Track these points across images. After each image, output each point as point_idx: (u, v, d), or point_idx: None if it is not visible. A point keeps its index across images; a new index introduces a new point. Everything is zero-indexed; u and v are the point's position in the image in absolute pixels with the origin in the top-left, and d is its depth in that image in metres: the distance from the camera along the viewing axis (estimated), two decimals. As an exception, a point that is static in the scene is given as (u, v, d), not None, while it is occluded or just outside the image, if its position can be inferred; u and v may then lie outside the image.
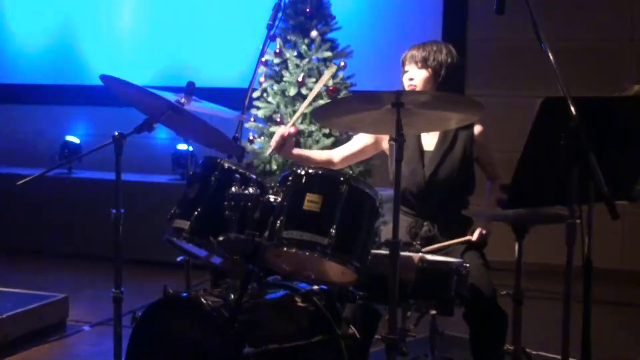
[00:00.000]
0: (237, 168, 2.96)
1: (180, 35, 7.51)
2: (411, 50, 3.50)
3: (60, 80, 7.87)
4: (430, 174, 3.43)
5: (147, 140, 6.87)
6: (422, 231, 3.41)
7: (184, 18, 7.51)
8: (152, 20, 7.65)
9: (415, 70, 3.46)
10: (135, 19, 7.69)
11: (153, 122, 3.10)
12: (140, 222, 5.75)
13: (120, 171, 3.10)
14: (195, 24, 7.48)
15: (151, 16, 7.67)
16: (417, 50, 3.48)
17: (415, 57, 3.46)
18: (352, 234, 2.73)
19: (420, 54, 3.46)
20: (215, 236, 2.79)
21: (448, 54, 3.47)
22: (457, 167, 3.44)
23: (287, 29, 5.58)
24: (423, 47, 3.48)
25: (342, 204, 2.71)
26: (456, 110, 2.85)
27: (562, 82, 2.42)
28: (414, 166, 3.46)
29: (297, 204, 2.74)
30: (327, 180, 2.79)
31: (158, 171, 7.17)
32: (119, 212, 3.10)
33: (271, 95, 5.51)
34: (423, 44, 3.51)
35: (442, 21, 6.91)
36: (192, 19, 7.49)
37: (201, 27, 7.46)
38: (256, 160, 5.46)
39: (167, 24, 7.58)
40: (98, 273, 5.87)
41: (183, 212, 2.96)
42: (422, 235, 3.40)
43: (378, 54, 6.68)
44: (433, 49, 3.47)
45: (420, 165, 3.46)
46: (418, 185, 3.43)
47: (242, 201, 2.80)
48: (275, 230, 2.72)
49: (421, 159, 3.48)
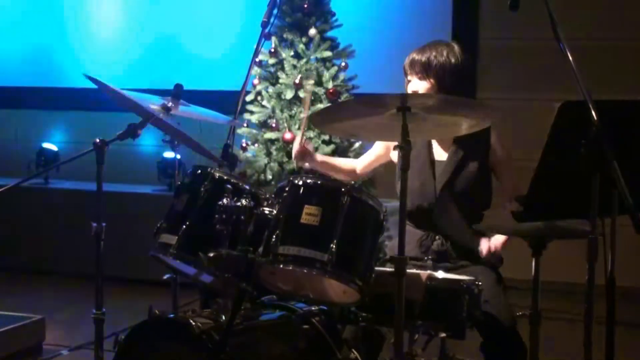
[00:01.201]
0: (229, 178, 2.96)
1: (167, 34, 7.52)
2: (411, 55, 3.48)
3: (36, 82, 7.85)
4: (442, 187, 3.43)
5: (131, 147, 6.85)
6: (434, 245, 3.41)
7: (172, 15, 7.52)
8: (138, 18, 7.66)
9: (417, 82, 3.46)
10: (119, 17, 7.70)
11: (137, 128, 3.10)
12: (124, 237, 5.74)
13: (102, 181, 3.10)
14: (183, 21, 7.48)
15: (136, 14, 7.67)
16: (417, 55, 3.45)
17: (415, 66, 3.44)
18: (354, 249, 2.73)
19: (419, 62, 3.43)
20: (205, 252, 2.78)
21: (450, 55, 3.42)
22: (471, 180, 3.43)
23: (283, 27, 5.58)
24: (422, 52, 3.45)
25: (343, 217, 2.71)
26: (467, 115, 2.85)
27: (582, 84, 2.43)
28: (425, 178, 3.45)
29: (294, 217, 2.74)
30: (326, 191, 2.79)
31: (143, 181, 7.16)
32: (100, 226, 3.10)
33: (266, 98, 5.51)
34: (422, 48, 3.47)
35: (451, 18, 6.92)
36: (179, 16, 7.50)
37: (190, 25, 7.46)
38: (250, 169, 5.46)
39: (154, 22, 7.58)
40: (77, 292, 5.86)
41: (170, 225, 2.96)
42: (434, 250, 3.39)
43: (382, 53, 6.69)
44: (432, 53, 3.42)
45: (431, 177, 3.45)
46: (428, 200, 3.42)
47: (234, 214, 2.80)
48: (271, 246, 2.72)
49: (432, 170, 3.47)
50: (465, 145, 3.45)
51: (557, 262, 4.37)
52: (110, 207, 3.40)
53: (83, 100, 7.35)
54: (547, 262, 2.93)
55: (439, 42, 3.51)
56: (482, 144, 3.45)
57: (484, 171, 3.45)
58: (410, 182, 2.87)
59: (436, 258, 3.33)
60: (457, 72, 3.43)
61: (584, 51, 4.66)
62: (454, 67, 3.42)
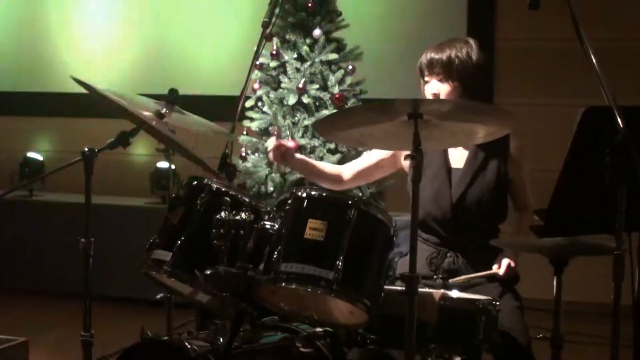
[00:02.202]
0: (228, 190, 2.96)
1: (161, 35, 7.53)
2: (428, 53, 3.48)
3: (20, 86, 7.86)
4: (458, 196, 3.43)
5: (122, 157, 6.87)
6: (445, 263, 3.41)
7: (166, 16, 7.53)
8: (130, 19, 7.66)
9: (437, 84, 3.46)
10: (109, 18, 7.70)
11: (129, 136, 3.11)
12: (114, 253, 5.74)
13: (91, 193, 3.10)
14: (178, 21, 7.49)
15: (128, 14, 7.68)
16: (435, 54, 3.45)
17: (435, 67, 3.44)
18: (362, 267, 2.73)
19: (439, 62, 3.43)
20: (202, 270, 2.79)
21: (471, 53, 3.44)
22: (490, 189, 3.43)
23: (285, 27, 5.58)
24: (440, 50, 3.45)
25: (350, 232, 2.71)
26: (484, 122, 2.84)
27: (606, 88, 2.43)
28: (440, 186, 3.46)
29: (297, 231, 2.74)
30: (332, 204, 2.79)
31: (135, 193, 7.16)
32: (88, 242, 3.10)
33: (267, 104, 5.52)
34: (439, 46, 3.48)
35: (466, 17, 6.92)
36: (174, 16, 7.50)
37: (186, 25, 7.47)
38: (249, 180, 5.46)
39: (147, 22, 7.59)
40: (64, 313, 5.86)
41: (164, 241, 2.96)
42: (445, 268, 3.39)
43: (392, 56, 6.70)
44: (453, 51, 3.43)
45: (447, 185, 3.46)
46: (443, 210, 3.43)
47: (233, 228, 2.80)
48: (272, 263, 2.72)
49: (448, 178, 3.48)
50: (484, 149, 3.46)
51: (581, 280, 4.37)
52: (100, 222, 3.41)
53: (70, 105, 7.36)
54: (570, 281, 2.93)
55: (456, 39, 3.51)
56: (502, 149, 3.46)
57: (502, 180, 3.46)
58: (423, 192, 2.87)
59: (447, 277, 3.33)
60: (479, 72, 3.44)
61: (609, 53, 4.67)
62: (476, 65, 3.44)
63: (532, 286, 3.59)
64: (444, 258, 3.42)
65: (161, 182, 6.91)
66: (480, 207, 3.42)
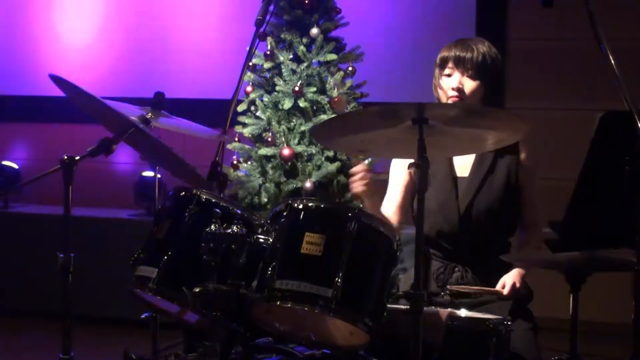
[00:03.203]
0: (218, 201, 2.96)
1: (147, 33, 7.53)
2: (455, 49, 3.50)
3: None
4: (466, 206, 3.44)
5: (105, 165, 6.87)
6: (453, 278, 3.42)
7: (152, 13, 7.53)
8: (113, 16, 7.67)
9: (464, 78, 3.48)
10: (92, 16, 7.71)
11: (112, 143, 3.11)
12: (95, 269, 5.74)
13: (70, 205, 3.10)
14: (165, 19, 7.50)
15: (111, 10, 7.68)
16: (466, 52, 3.47)
17: (466, 62, 3.46)
18: (363, 284, 2.73)
19: (471, 59, 3.45)
20: (190, 287, 2.79)
21: (498, 56, 3.51)
22: (500, 197, 3.44)
23: (280, 26, 5.60)
24: (473, 47, 3.48)
25: (350, 246, 2.71)
26: (493, 128, 2.85)
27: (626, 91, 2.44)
28: (445, 197, 3.47)
29: (293, 246, 2.74)
30: (331, 216, 2.79)
31: (118, 204, 7.17)
32: (67, 257, 3.10)
33: (261, 108, 5.52)
34: (469, 42, 3.51)
35: (475, 16, 6.93)
36: (161, 13, 7.51)
37: (173, 23, 7.47)
38: (242, 190, 5.47)
39: (130, 21, 7.60)
40: (41, 333, 5.85)
41: (149, 256, 2.96)
42: (453, 283, 3.39)
43: (395, 56, 6.71)
44: (484, 49, 3.48)
45: (454, 195, 3.47)
46: (450, 222, 3.44)
47: (223, 243, 2.80)
48: (266, 280, 2.72)
49: (454, 187, 3.49)
50: (491, 155, 3.48)
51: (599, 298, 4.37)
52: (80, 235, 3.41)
53: (48, 110, 7.37)
54: (587, 299, 2.93)
55: (482, 40, 3.55)
56: (511, 155, 3.47)
57: (511, 187, 3.46)
58: (428, 204, 2.87)
59: (456, 293, 3.33)
60: (501, 75, 3.51)
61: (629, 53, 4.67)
62: (500, 69, 3.51)
63: (546, 305, 3.59)
64: (452, 273, 3.43)
65: (146, 193, 6.91)
66: (490, 217, 3.43)
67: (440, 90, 3.54)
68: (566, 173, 2.64)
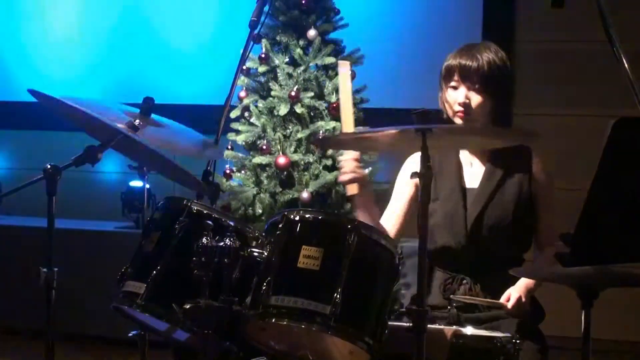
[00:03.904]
0: (210, 212, 2.96)
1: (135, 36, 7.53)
2: (460, 57, 3.47)
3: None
4: (474, 218, 3.44)
5: (90, 175, 6.87)
6: (461, 290, 3.41)
7: (141, 14, 7.52)
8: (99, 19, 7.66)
9: (470, 92, 3.45)
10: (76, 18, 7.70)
11: (98, 151, 3.10)
12: (80, 285, 5.73)
13: (54, 217, 3.10)
14: (154, 20, 7.49)
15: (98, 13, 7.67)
16: (472, 61, 3.44)
17: (473, 75, 3.43)
18: (363, 300, 2.73)
19: (477, 70, 3.42)
20: (180, 303, 2.78)
21: (506, 61, 3.49)
22: (511, 209, 3.44)
23: (276, 27, 5.59)
24: (479, 56, 3.45)
25: (349, 260, 2.71)
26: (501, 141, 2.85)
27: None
28: (453, 209, 3.46)
29: (289, 260, 2.74)
30: (329, 228, 2.80)
31: (104, 216, 7.16)
32: (51, 272, 3.09)
33: (255, 115, 5.52)
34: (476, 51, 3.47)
35: (482, 16, 6.93)
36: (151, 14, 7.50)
37: (163, 25, 7.47)
38: (235, 201, 5.46)
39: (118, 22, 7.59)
40: (24, 352, 5.85)
41: (137, 271, 2.96)
42: (460, 295, 3.39)
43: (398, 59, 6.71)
44: (490, 57, 3.44)
45: (462, 206, 3.47)
46: (457, 235, 3.43)
47: (215, 256, 2.80)
48: (261, 296, 2.72)
49: (463, 198, 3.48)
50: (502, 165, 3.47)
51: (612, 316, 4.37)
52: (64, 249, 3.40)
53: (30, 116, 7.34)
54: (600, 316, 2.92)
55: (490, 46, 3.53)
56: (523, 165, 3.47)
57: (524, 201, 3.46)
58: (435, 216, 2.87)
59: (463, 306, 3.33)
60: (511, 86, 3.51)
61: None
62: (510, 79, 3.50)
63: (556, 322, 3.58)
64: (460, 285, 3.43)
65: (134, 204, 6.89)
66: (499, 231, 3.42)
67: (446, 103, 3.52)
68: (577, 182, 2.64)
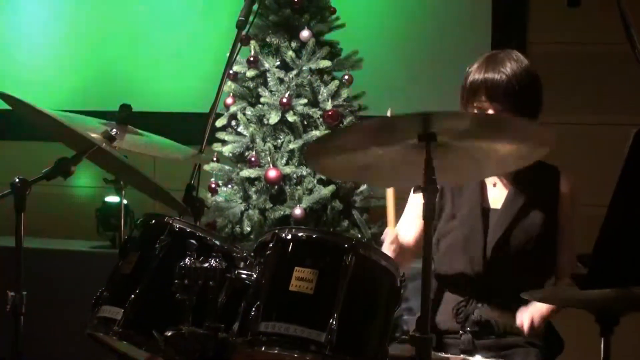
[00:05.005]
0: (193, 230, 2.96)
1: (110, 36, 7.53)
2: (487, 71, 3.48)
3: None
4: (495, 241, 3.44)
5: (62, 189, 6.86)
6: (475, 313, 3.41)
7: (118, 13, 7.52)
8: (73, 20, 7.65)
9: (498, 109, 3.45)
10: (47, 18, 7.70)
11: (70, 163, 3.11)
12: (51, 310, 5.72)
13: (22, 235, 3.10)
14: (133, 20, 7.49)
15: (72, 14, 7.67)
16: (499, 76, 3.45)
17: (499, 95, 3.44)
18: (361, 326, 2.73)
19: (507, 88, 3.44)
20: (161, 331, 2.78)
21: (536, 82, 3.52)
22: (536, 234, 3.45)
23: (266, 28, 5.59)
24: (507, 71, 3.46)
25: (346, 283, 2.71)
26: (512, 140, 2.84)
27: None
28: (471, 230, 3.47)
29: (281, 283, 2.74)
30: (324, 248, 2.79)
31: (77, 234, 7.14)
32: (19, 296, 3.09)
33: (243, 123, 5.52)
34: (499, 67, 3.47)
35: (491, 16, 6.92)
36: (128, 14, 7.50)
37: (142, 26, 7.46)
38: (221, 218, 5.46)
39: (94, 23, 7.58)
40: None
41: (114, 295, 2.96)
42: (475, 319, 3.39)
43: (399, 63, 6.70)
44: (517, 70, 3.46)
45: (481, 229, 3.47)
46: (476, 260, 3.43)
47: (200, 279, 2.80)
48: (249, 322, 2.72)
49: (483, 220, 3.48)
50: (528, 186, 3.47)
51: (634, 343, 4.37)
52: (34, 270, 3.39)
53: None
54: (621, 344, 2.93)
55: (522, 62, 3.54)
56: (550, 187, 3.47)
57: (550, 226, 3.46)
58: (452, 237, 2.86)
59: (477, 331, 3.33)
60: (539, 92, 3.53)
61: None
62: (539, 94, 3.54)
63: (573, 350, 3.59)
64: (474, 308, 3.42)
65: (110, 221, 6.88)
66: (522, 258, 3.42)
67: None
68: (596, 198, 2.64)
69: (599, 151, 5.47)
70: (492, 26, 6.78)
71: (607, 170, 2.79)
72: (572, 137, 6.26)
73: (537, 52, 6.87)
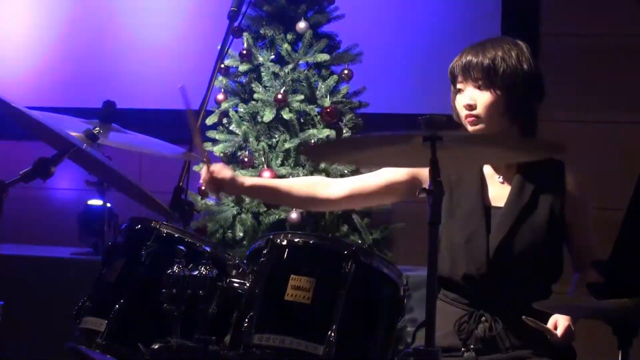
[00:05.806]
0: (182, 236, 2.96)
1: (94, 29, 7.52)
2: (465, 55, 3.49)
3: None
4: (499, 242, 3.44)
5: (42, 192, 6.86)
6: (479, 329, 3.41)
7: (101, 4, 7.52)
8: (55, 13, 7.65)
9: (475, 91, 3.46)
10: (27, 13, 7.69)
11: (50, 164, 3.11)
12: (30, 320, 5.73)
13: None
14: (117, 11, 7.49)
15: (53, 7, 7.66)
16: (474, 56, 3.46)
17: (472, 71, 3.45)
18: (361, 338, 2.73)
19: (479, 65, 3.44)
20: (148, 343, 2.78)
21: (521, 58, 3.48)
22: (542, 234, 3.45)
23: (259, 19, 5.60)
24: (482, 50, 3.47)
25: (345, 292, 2.71)
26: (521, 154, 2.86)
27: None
28: (474, 230, 3.46)
29: (275, 292, 2.75)
30: (322, 254, 2.80)
31: (58, 240, 7.14)
32: (-4, 305, 3.10)
33: (235, 121, 5.51)
34: (480, 46, 3.49)
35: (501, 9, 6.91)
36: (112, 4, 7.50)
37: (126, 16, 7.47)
38: (211, 223, 5.46)
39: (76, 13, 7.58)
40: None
41: (97, 305, 2.96)
42: (479, 336, 3.39)
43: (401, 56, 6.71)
44: (498, 53, 3.45)
45: (484, 229, 3.47)
46: (478, 262, 3.43)
47: (189, 288, 2.80)
48: (242, 334, 2.72)
49: (485, 219, 3.49)
50: (532, 182, 3.47)
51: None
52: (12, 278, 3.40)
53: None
54: (639, 356, 2.93)
55: (502, 40, 3.54)
56: (556, 182, 3.47)
57: (556, 223, 3.46)
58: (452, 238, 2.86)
59: (481, 348, 3.33)
60: (530, 84, 3.49)
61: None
62: (527, 74, 3.47)
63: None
64: (478, 323, 3.42)
65: (93, 226, 6.88)
66: (528, 259, 3.42)
67: (455, 110, 3.54)
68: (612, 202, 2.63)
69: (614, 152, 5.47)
70: (501, 17, 6.78)
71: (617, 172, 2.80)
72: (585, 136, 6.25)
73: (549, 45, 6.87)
